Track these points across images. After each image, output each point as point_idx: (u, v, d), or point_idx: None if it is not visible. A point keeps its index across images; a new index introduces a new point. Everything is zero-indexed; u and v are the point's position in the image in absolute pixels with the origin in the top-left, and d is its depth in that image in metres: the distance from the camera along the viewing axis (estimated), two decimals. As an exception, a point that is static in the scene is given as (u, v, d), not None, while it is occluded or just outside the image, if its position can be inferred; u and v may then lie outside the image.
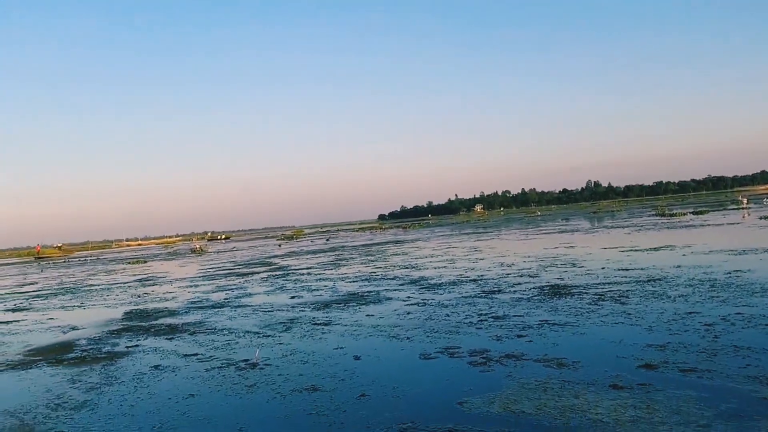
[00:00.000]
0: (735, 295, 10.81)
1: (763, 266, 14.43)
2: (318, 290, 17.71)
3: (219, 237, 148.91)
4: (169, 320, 14.14)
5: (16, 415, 7.16)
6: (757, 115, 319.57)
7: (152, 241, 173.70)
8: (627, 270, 16.04)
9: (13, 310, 19.47)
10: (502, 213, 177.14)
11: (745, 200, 61.76)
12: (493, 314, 11.21)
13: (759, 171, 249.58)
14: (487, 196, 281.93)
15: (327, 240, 68.37)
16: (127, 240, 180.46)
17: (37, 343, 12.35)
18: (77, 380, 8.73)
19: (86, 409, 7.20)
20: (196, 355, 9.85)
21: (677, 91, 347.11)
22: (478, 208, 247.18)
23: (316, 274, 23.34)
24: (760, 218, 34.74)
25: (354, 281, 19.45)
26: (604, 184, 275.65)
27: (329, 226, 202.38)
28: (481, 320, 10.73)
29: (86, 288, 26.51)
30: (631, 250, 21.63)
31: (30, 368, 9.91)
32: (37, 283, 34.13)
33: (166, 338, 11.69)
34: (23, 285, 33.25)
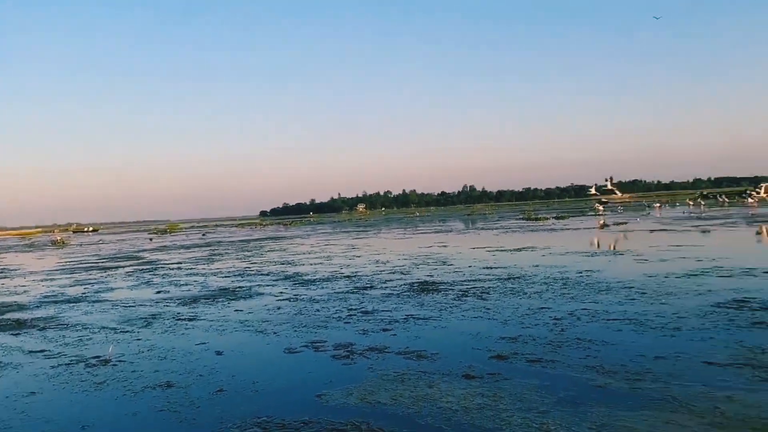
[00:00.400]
0: (583, 293, 11.67)
1: (610, 267, 15.72)
2: (187, 285, 17.08)
3: (86, 229, 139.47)
4: (17, 315, 13.05)
5: None
6: (615, 127, 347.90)
7: (8, 232, 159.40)
8: (491, 268, 16.85)
9: None
10: (383, 213, 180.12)
11: (601, 207, 66.92)
12: (363, 309, 11.35)
13: (616, 181, 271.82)
14: (370, 195, 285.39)
15: (203, 235, 66.24)
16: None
17: None
18: None
19: None
20: (43, 351, 9.16)
21: (543, 101, 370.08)
22: (361, 207, 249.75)
23: (186, 269, 22.51)
24: (613, 224, 37.81)
25: (226, 276, 18.96)
26: (479, 188, 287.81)
27: (208, 221, 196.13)
28: (350, 315, 10.83)
29: None
30: (497, 250, 22.76)
31: None
32: None
33: (11, 334, 10.79)
34: None
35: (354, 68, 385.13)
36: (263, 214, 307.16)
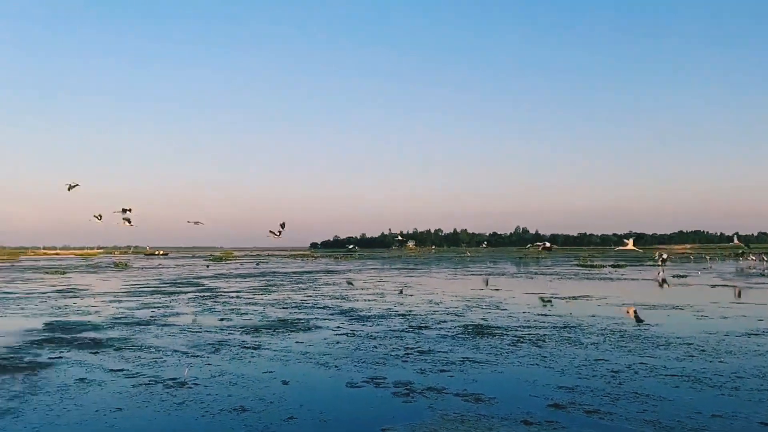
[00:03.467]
0: (641, 347, 11.71)
1: (669, 321, 15.59)
2: (247, 314, 17.76)
3: (157, 252, 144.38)
4: (93, 334, 13.90)
5: (-66, 420, 7.04)
6: (677, 178, 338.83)
7: (71, 251, 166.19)
8: (546, 315, 16.93)
9: None
10: (433, 251, 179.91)
11: (662, 258, 65.28)
12: (419, 348, 11.69)
13: (677, 231, 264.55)
14: (420, 233, 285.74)
15: (257, 264, 67.68)
16: (44, 248, 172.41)
17: (-49, 349, 11.93)
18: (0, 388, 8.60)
19: (10, 416, 7.16)
20: (122, 370, 9.83)
21: (606, 145, 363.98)
22: (411, 244, 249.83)
23: (245, 298, 23.29)
24: (673, 276, 36.98)
25: (284, 308, 19.58)
26: (532, 230, 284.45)
27: (259, 251, 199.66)
28: (407, 354, 11.18)
29: (1, 295, 25.40)
30: (552, 297, 22.73)
31: (-56, 374, 9.64)
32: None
33: (91, 352, 11.55)
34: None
35: (406, 105, 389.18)
36: (314, 246, 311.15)
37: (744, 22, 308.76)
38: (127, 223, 29.69)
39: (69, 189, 27.89)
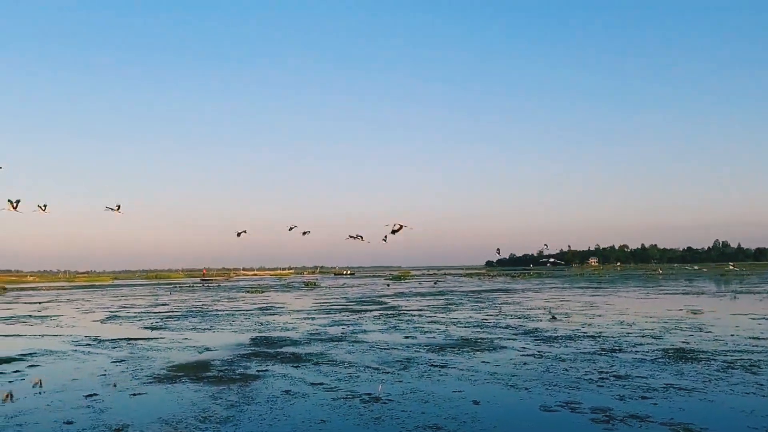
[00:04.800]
0: None
1: None
2: (431, 332, 18.05)
3: (345, 272, 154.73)
4: (292, 349, 15.00)
5: (171, 424, 8.03)
6: None
7: (267, 272, 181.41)
8: (759, 339, 15.15)
9: (152, 329, 21.27)
10: (618, 268, 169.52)
11: None
12: (614, 373, 11.05)
13: None
14: (603, 249, 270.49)
15: (435, 283, 68.58)
16: (244, 269, 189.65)
17: (178, 361, 13.55)
18: (218, 397, 9.59)
19: (230, 423, 7.95)
20: (321, 384, 10.48)
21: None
22: (593, 261, 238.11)
23: (427, 317, 23.69)
24: None
25: (466, 327, 19.61)
26: (733, 244, 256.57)
27: (435, 269, 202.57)
28: (602, 378, 10.62)
29: (213, 312, 28.41)
30: (764, 318, 20.27)
31: (175, 383, 10.95)
32: (167, 305, 36.87)
33: (293, 366, 12.47)
34: (156, 306, 36.04)
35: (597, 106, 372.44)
36: (489, 264, 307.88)
37: None
38: (115, 211, 31.01)
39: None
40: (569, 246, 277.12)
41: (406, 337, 16.92)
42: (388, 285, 65.07)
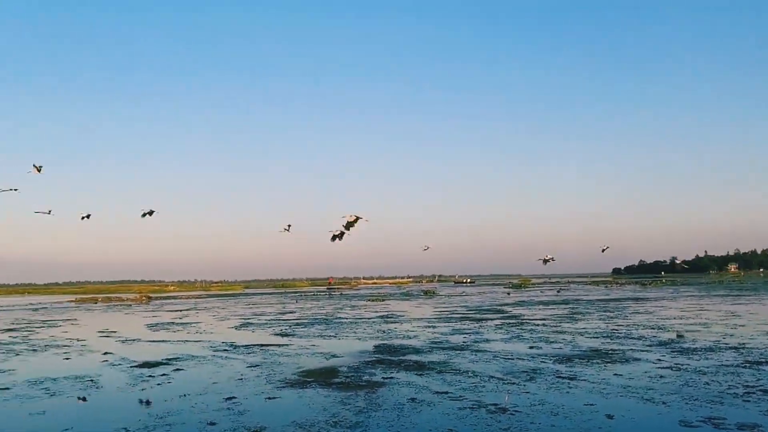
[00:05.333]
0: None
1: None
2: (556, 342, 17.51)
3: (465, 280, 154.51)
4: (415, 357, 15.13)
5: (304, 427, 8.38)
6: None
7: (386, 280, 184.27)
8: None
9: (280, 335, 22.28)
10: (761, 274, 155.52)
11: None
12: (762, 387, 10.19)
13: None
14: (744, 254, 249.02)
15: (558, 291, 66.39)
16: (364, 278, 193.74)
17: (307, 366, 14.10)
18: (347, 402, 9.88)
19: (360, 429, 8.18)
20: (446, 393, 10.49)
21: None
22: (732, 267, 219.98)
23: (551, 326, 23.00)
24: None
25: (594, 337, 18.83)
26: None
27: (558, 277, 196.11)
28: (748, 392, 9.82)
29: (337, 320, 29.29)
30: None
31: (305, 388, 11.41)
32: (294, 312, 38.46)
33: (416, 374, 12.58)
34: (284, 314, 37.70)
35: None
36: (616, 271, 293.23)
37: None
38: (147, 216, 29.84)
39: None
40: (705, 251, 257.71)
41: (531, 347, 16.54)
42: (509, 293, 63.89)
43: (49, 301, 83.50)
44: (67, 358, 17.00)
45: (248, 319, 32.78)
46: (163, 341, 21.36)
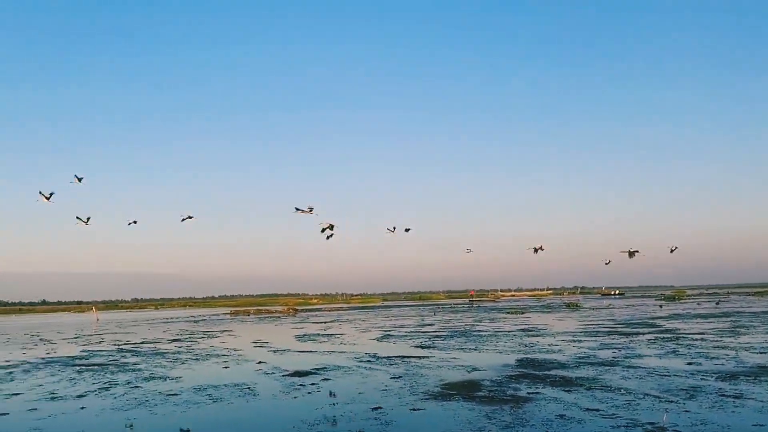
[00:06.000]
0: None
1: None
2: (718, 358, 16.16)
3: (612, 292, 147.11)
4: (561, 372, 14.63)
5: (450, 438, 8.40)
6: None
7: (524, 292, 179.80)
8: None
9: (421, 347, 22.50)
10: None
11: None
12: None
13: None
14: None
15: (717, 303, 61.12)
16: (501, 291, 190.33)
17: (449, 379, 14.13)
18: (492, 417, 9.77)
19: (510, 444, 8.05)
20: (597, 410, 10.04)
21: None
22: None
23: (711, 341, 21.26)
24: None
25: (762, 352, 17.19)
26: None
27: (715, 288, 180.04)
28: None
29: (476, 333, 29.05)
30: None
31: (449, 400, 11.43)
32: (433, 325, 38.65)
33: (564, 390, 12.15)
34: (422, 326, 38.01)
35: None
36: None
37: None
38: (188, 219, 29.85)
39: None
40: None
41: (689, 363, 15.39)
42: (661, 306, 59.77)
43: (208, 313, 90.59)
44: (225, 367, 18.30)
45: (388, 331, 33.44)
46: (310, 351, 22.36)
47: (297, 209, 28.03)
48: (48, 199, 26.10)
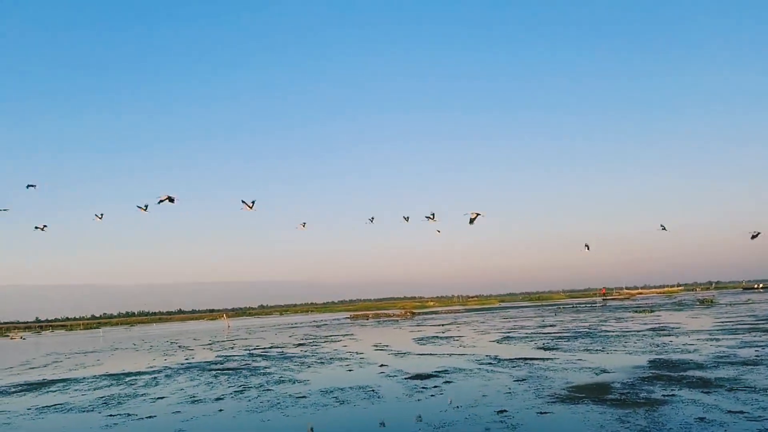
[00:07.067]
0: None
1: None
2: None
3: (757, 286, 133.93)
4: (698, 373, 13.76)
5: (581, 442, 8.17)
6: None
7: (652, 290, 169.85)
8: None
9: (543, 349, 21.95)
10: None
11: None
12: None
13: None
14: None
15: None
16: (626, 288, 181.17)
17: (576, 381, 13.70)
18: (625, 421, 9.39)
19: (643, 448, 7.70)
20: (741, 412, 9.38)
21: None
22: None
23: None
24: None
25: None
26: None
27: None
28: None
29: (602, 333, 27.89)
30: None
31: (577, 403, 11.10)
32: (554, 326, 37.55)
33: (702, 391, 11.43)
34: (543, 327, 37.03)
35: None
36: None
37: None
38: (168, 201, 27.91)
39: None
40: None
41: None
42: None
43: (329, 318, 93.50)
44: (349, 370, 18.82)
45: (508, 332, 32.90)
46: (430, 354, 22.48)
47: (243, 202, 28.55)
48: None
